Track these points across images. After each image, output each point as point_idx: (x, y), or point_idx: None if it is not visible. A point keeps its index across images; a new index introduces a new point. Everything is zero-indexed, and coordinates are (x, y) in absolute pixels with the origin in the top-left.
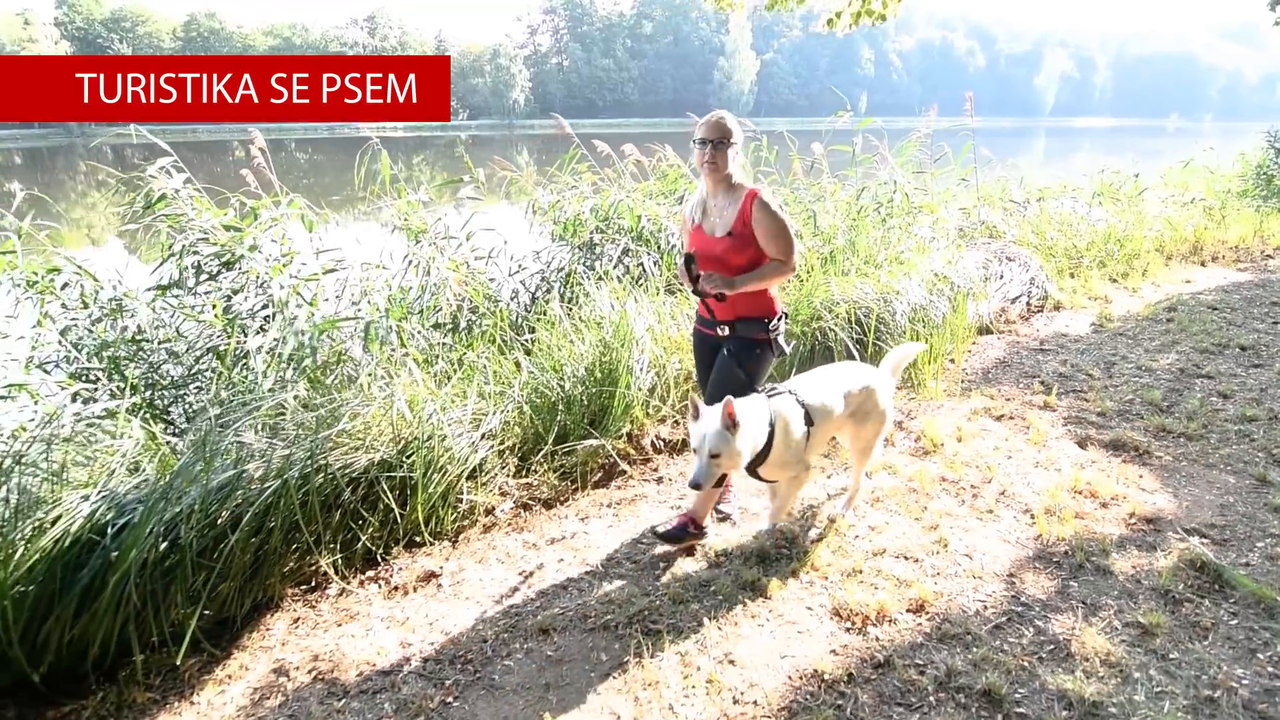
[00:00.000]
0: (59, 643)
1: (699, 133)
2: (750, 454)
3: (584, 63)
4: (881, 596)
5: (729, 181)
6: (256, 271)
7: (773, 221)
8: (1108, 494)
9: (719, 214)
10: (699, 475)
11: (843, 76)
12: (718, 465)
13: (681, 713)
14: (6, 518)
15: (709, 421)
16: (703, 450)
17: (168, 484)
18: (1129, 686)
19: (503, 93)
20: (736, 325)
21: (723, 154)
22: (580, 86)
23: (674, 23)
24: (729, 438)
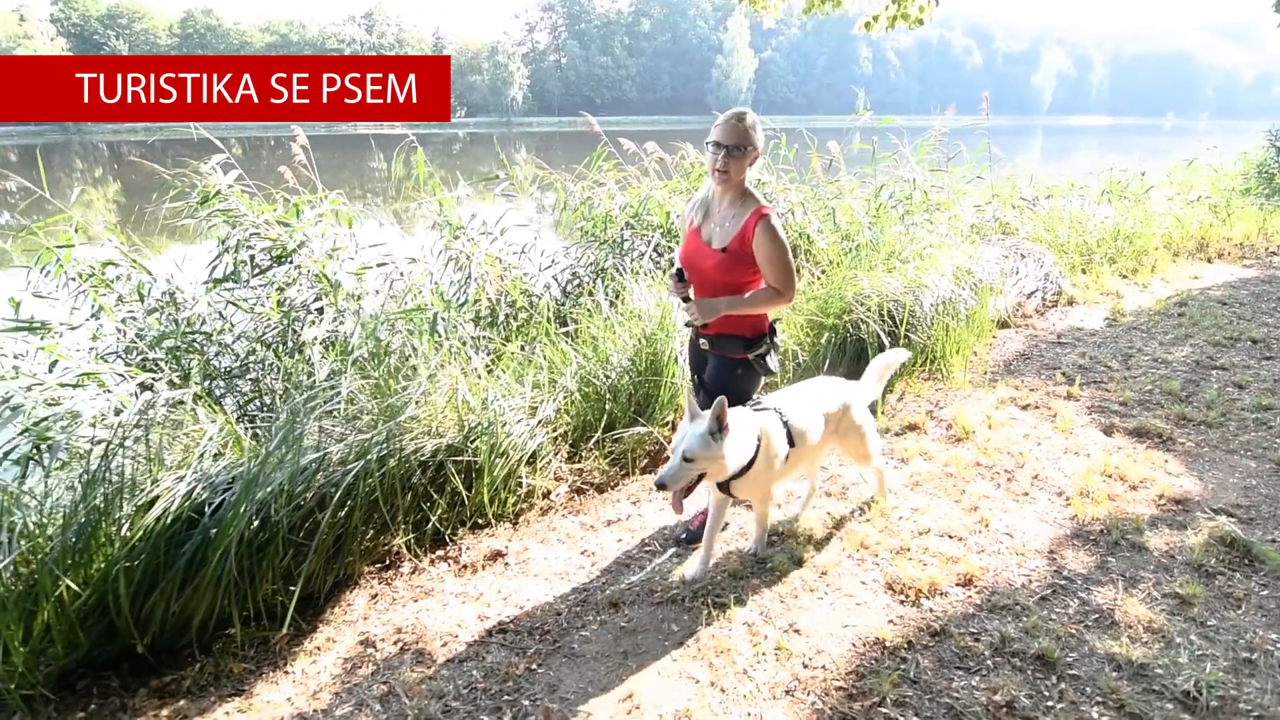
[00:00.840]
0: (163, 615)
1: (714, 134)
2: (735, 466)
3: (582, 60)
4: (931, 572)
5: (740, 190)
6: (309, 265)
7: (775, 248)
8: (1136, 477)
9: (721, 223)
10: (665, 475)
11: (840, 74)
12: (690, 468)
13: (755, 676)
14: (111, 497)
15: (695, 423)
16: (677, 450)
17: (260, 466)
18: (1172, 650)
19: (501, 90)
20: (717, 341)
21: (737, 162)
22: (578, 84)
23: (672, 20)
24: (711, 443)
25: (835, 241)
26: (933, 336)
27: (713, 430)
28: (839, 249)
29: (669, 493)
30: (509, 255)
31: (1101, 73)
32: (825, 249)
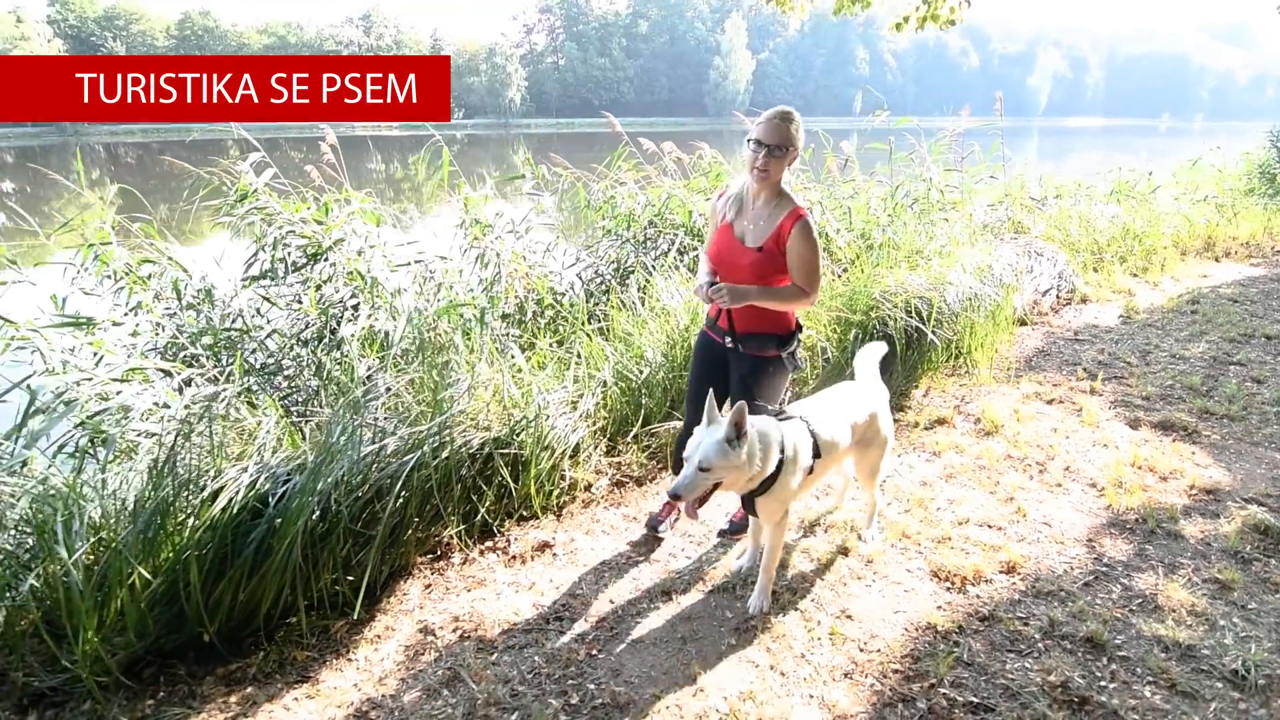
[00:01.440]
0: (231, 604)
1: (755, 131)
2: (752, 475)
3: (580, 62)
4: (975, 560)
5: (776, 189)
6: (344, 263)
7: (808, 249)
8: (1166, 468)
9: (755, 221)
10: (679, 485)
11: (837, 76)
12: (706, 478)
13: (813, 660)
14: (178, 488)
15: (711, 430)
16: (692, 459)
17: (323, 457)
18: (1217, 632)
19: (499, 92)
20: (746, 340)
21: (777, 162)
22: (576, 86)
23: (669, 22)
24: (728, 451)
25: (852, 240)
26: (958, 332)
27: (730, 438)
28: (857, 247)
29: (683, 503)
30: (531, 254)
31: (1097, 74)
32: (844, 247)
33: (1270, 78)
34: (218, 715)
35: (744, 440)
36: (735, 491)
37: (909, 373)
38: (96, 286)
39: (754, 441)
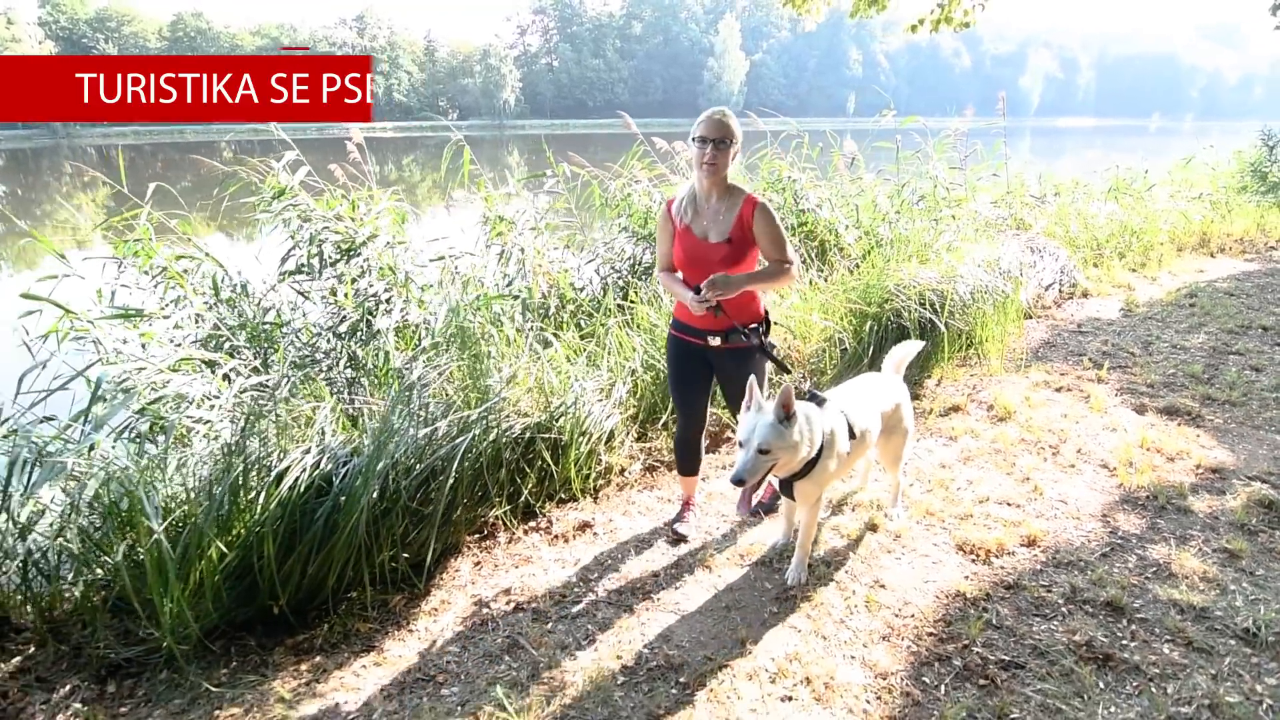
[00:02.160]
0: (299, 578)
1: (698, 130)
2: (802, 456)
3: (574, 63)
4: (997, 534)
5: (725, 184)
6: (377, 259)
7: (775, 227)
8: (1173, 450)
9: (714, 217)
10: (742, 469)
11: (831, 77)
12: (766, 460)
13: (852, 625)
14: (248, 468)
15: (764, 412)
16: (750, 443)
17: (383, 438)
18: (1228, 596)
19: (493, 93)
20: (730, 335)
21: (724, 154)
22: (570, 87)
23: (663, 23)
24: (784, 432)
25: (860, 236)
26: (970, 323)
27: (781, 418)
28: (865, 243)
29: (745, 487)
30: (551, 250)
31: (1088, 74)
32: (853, 244)
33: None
34: (291, 682)
35: (794, 420)
36: (785, 474)
37: (923, 363)
38: (135, 281)
39: (803, 421)
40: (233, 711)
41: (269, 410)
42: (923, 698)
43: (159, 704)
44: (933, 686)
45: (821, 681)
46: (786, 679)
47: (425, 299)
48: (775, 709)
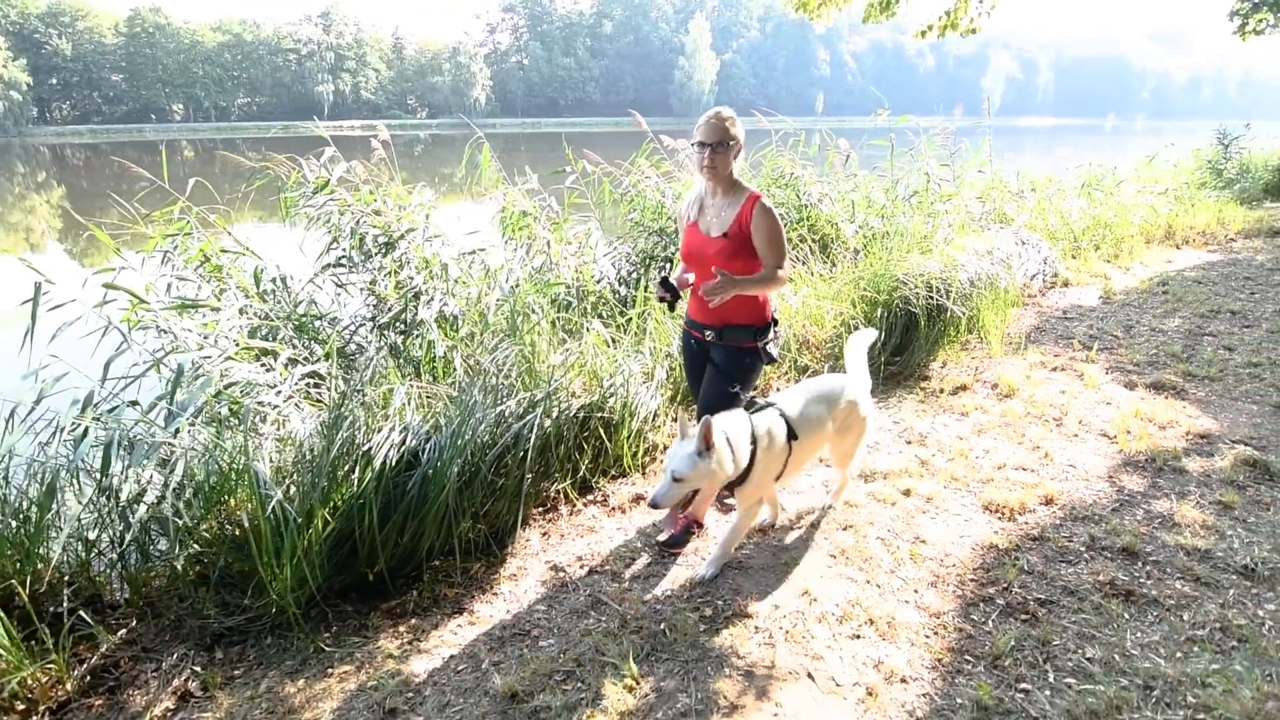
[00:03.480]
0: (394, 546)
1: (697, 134)
2: (731, 475)
3: (544, 61)
4: (1018, 495)
5: (730, 181)
6: (415, 252)
7: (773, 227)
8: (1164, 419)
9: (717, 213)
10: (657, 495)
11: (799, 77)
12: (681, 487)
13: (901, 574)
14: (344, 444)
15: (684, 443)
16: (667, 470)
17: (465, 417)
18: (1226, 540)
19: (463, 91)
20: (725, 332)
21: (722, 157)
22: (541, 85)
23: (634, 22)
24: (697, 462)
25: (857, 230)
26: (974, 307)
27: (700, 450)
28: (862, 236)
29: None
30: (567, 244)
31: (1046, 75)
32: (850, 237)
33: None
34: (393, 642)
35: (712, 451)
36: (713, 492)
37: (930, 347)
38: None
39: (722, 450)
40: (345, 668)
41: (358, 391)
42: (974, 631)
43: (271, 666)
44: (981, 622)
45: (884, 621)
46: (852, 621)
47: (461, 290)
48: (847, 645)
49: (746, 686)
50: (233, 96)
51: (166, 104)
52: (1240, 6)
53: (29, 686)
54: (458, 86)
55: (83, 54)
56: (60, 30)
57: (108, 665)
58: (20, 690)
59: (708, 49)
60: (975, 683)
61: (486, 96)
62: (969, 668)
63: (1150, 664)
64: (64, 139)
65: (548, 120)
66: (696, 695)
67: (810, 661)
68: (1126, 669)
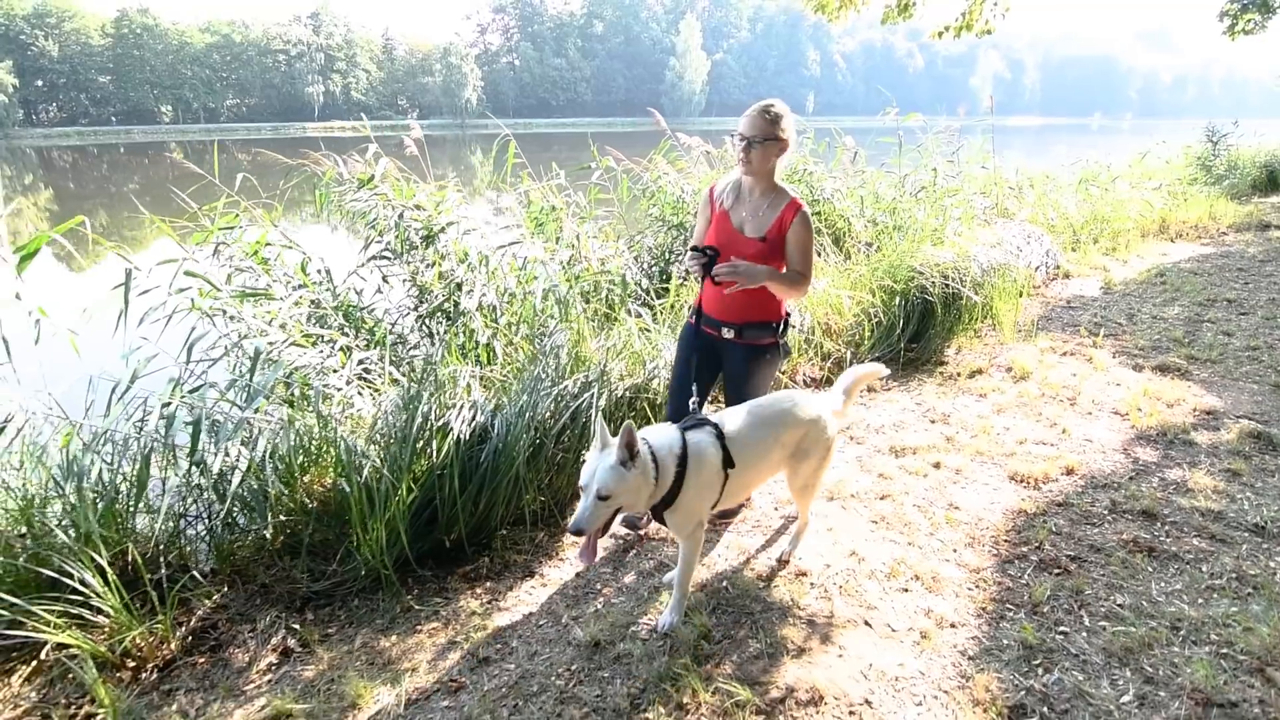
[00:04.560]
0: (470, 514)
1: (740, 125)
2: (650, 494)
3: (536, 62)
4: (1041, 466)
5: (770, 180)
6: (452, 244)
7: (808, 238)
8: (1171, 398)
9: (754, 213)
10: (580, 519)
11: (790, 77)
12: (606, 506)
13: (939, 537)
14: (421, 421)
15: (604, 455)
16: (589, 489)
17: (531, 396)
18: (1236, 502)
19: (454, 92)
20: (745, 330)
21: (760, 153)
22: (533, 86)
23: (625, 23)
24: (625, 474)
25: (867, 224)
26: (986, 295)
27: (624, 459)
28: (873, 230)
29: (585, 537)
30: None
31: (1034, 75)
32: (861, 231)
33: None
34: (474, 602)
35: (637, 460)
36: (636, 511)
37: (946, 334)
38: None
39: (647, 459)
40: (433, 625)
41: (432, 372)
42: (1012, 584)
43: (362, 624)
44: (1017, 576)
45: (928, 577)
46: (899, 577)
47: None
48: (898, 598)
49: (810, 633)
50: (222, 98)
51: (155, 105)
52: (1230, 7)
53: (138, 645)
54: (449, 87)
55: (69, 55)
56: (46, 31)
57: (205, 627)
58: (131, 649)
59: (699, 49)
60: (1018, 626)
61: (478, 97)
62: (1011, 614)
63: (1175, 608)
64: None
65: (539, 121)
66: (765, 641)
67: (865, 611)
68: (1154, 613)
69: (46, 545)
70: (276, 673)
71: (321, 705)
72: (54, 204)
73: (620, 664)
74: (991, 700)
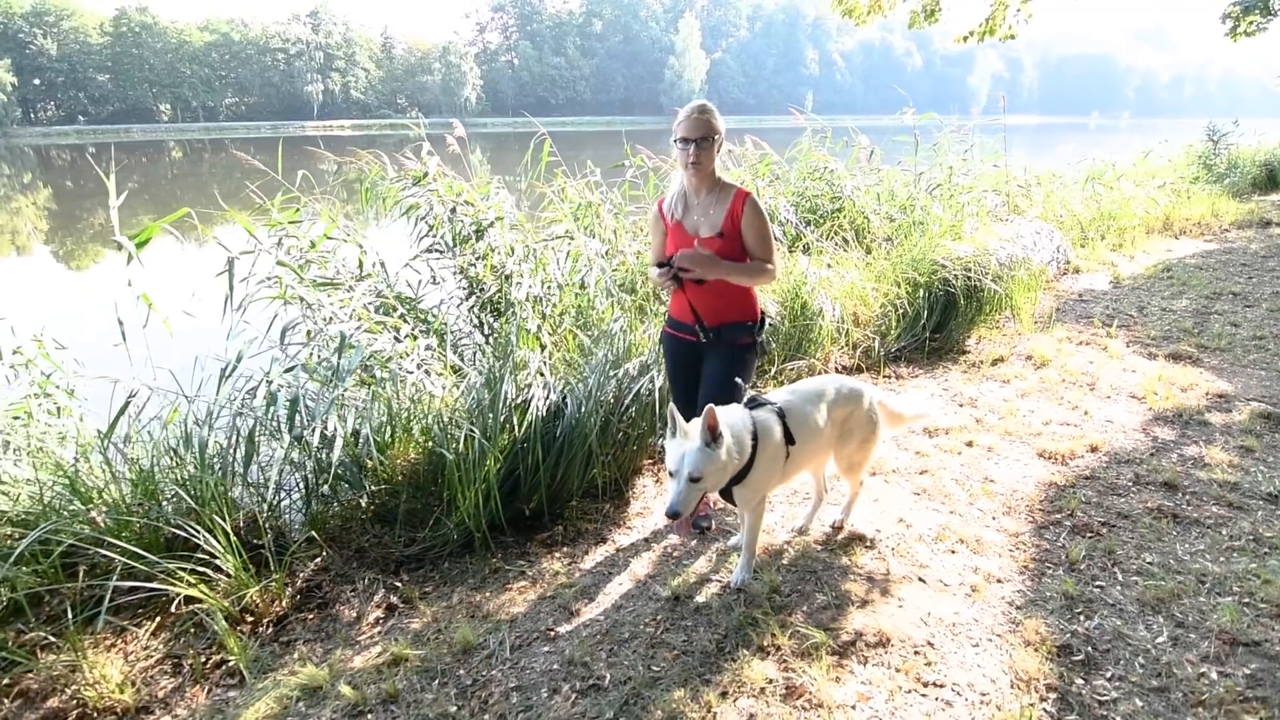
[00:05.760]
0: (548, 485)
1: (680, 130)
2: (734, 469)
3: (535, 61)
4: (1067, 444)
5: (713, 178)
6: (502, 238)
7: (762, 223)
8: (1185, 383)
9: (704, 212)
10: (676, 502)
11: (789, 75)
12: (698, 488)
13: (978, 506)
14: (501, 399)
15: (690, 439)
16: (681, 473)
17: (599, 377)
18: (1250, 475)
19: (454, 90)
20: (722, 331)
21: (708, 152)
22: (532, 84)
23: (623, 21)
24: (713, 455)
25: (884, 220)
26: (1006, 287)
27: (708, 441)
28: (888, 226)
29: (681, 519)
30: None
31: (1032, 74)
32: (879, 228)
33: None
34: (554, 564)
35: (720, 441)
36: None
37: (967, 324)
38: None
39: (729, 439)
40: (521, 584)
41: (509, 353)
42: (1049, 546)
43: (455, 584)
44: (1054, 539)
45: (973, 540)
46: (946, 540)
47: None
48: (946, 558)
49: (871, 587)
50: (221, 97)
51: (154, 104)
52: (1232, 9)
53: (254, 602)
54: (448, 86)
55: (68, 54)
56: (45, 30)
57: (310, 588)
58: (249, 605)
59: (697, 48)
60: (1059, 581)
61: (477, 96)
62: (1051, 571)
63: (1200, 565)
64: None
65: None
66: (831, 594)
67: (918, 569)
68: (1180, 570)
69: (169, 510)
70: (385, 625)
71: (434, 650)
72: (53, 203)
73: (701, 614)
74: (1041, 641)
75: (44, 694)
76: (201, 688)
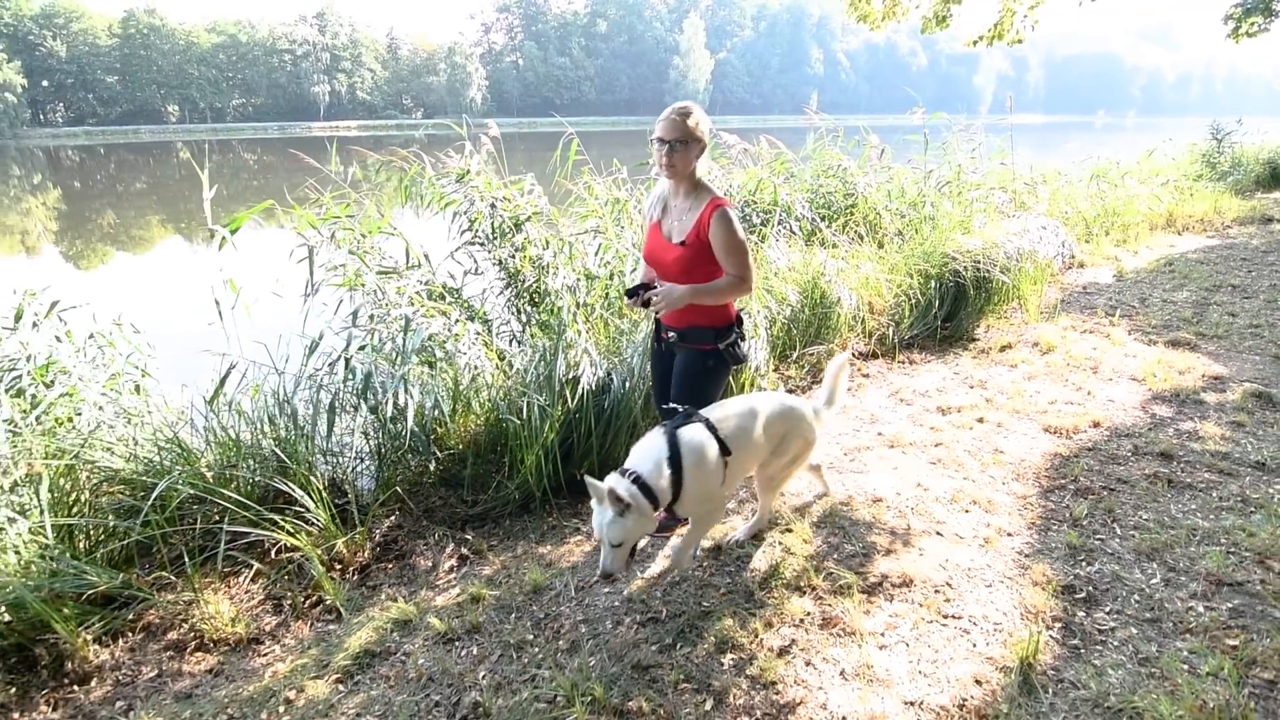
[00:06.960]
0: (595, 453)
1: (656, 129)
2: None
3: (540, 61)
4: (1071, 420)
5: (693, 182)
6: (539, 232)
7: (730, 237)
8: (1183, 366)
9: (679, 217)
10: (607, 566)
11: (794, 75)
12: (624, 549)
13: (989, 473)
14: (554, 374)
15: (602, 510)
16: (603, 540)
17: (641, 359)
18: (1240, 446)
19: (459, 91)
20: (686, 334)
21: (681, 155)
22: (537, 85)
23: (628, 21)
24: (624, 523)
25: (894, 216)
26: (1014, 279)
27: (620, 512)
28: (900, 222)
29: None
30: None
31: (1038, 73)
32: (889, 223)
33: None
34: None
35: (630, 510)
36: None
37: (976, 314)
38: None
39: (639, 497)
40: (577, 538)
41: (561, 333)
42: (1055, 506)
43: (518, 539)
44: (1059, 501)
45: (985, 501)
46: (960, 501)
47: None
48: (962, 516)
49: (893, 539)
50: (228, 98)
51: (162, 105)
52: (1233, 10)
53: (341, 552)
54: (453, 86)
55: (77, 56)
56: (54, 32)
57: (387, 542)
58: (337, 554)
59: (702, 48)
60: (1063, 534)
61: (482, 96)
62: (1056, 526)
63: (1191, 521)
64: (59, 141)
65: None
66: (858, 545)
67: (936, 525)
68: (1174, 525)
69: (270, 468)
70: (459, 572)
71: (507, 591)
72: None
73: (741, 561)
74: (1047, 582)
75: (165, 627)
76: (304, 622)
